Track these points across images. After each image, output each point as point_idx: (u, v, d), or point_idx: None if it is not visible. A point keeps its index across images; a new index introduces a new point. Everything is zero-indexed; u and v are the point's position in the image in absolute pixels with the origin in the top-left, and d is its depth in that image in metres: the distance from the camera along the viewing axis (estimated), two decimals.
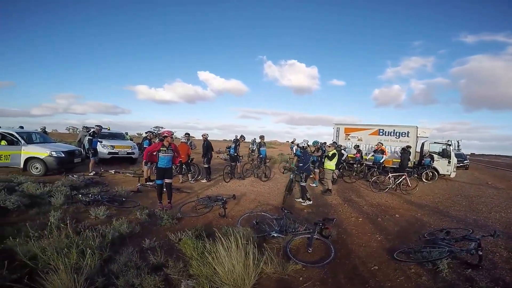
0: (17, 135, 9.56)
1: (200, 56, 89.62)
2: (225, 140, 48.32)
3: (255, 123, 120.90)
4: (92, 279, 3.11)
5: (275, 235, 4.81)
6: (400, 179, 9.96)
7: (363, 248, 4.90)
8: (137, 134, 43.98)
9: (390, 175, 10.04)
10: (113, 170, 10.93)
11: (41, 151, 9.48)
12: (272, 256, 3.79)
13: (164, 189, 6.58)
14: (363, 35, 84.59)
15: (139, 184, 8.53)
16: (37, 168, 9.45)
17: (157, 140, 10.14)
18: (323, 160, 9.96)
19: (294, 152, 9.50)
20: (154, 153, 6.53)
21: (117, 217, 5.33)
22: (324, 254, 4.48)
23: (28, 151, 9.45)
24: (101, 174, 10.25)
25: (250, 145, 13.44)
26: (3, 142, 9.42)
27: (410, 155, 12.89)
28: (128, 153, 12.97)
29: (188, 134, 10.77)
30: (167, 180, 6.51)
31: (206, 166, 10.37)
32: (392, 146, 13.96)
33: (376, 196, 9.13)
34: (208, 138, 10.63)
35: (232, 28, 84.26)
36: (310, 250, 4.50)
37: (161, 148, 6.40)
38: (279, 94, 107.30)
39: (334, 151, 9.12)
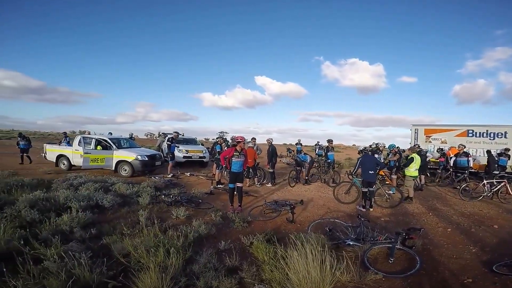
0: (110, 141, 11.00)
1: (256, 60, 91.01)
2: (285, 144, 48.01)
3: (316, 126, 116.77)
4: (176, 279, 3.22)
5: (351, 243, 4.58)
6: (499, 186, 8.55)
7: (454, 259, 4.38)
8: (205, 139, 46.78)
9: (485, 181, 8.68)
10: (189, 173, 11.77)
11: (129, 155, 10.70)
12: (350, 264, 3.57)
13: (235, 192, 6.76)
14: (433, 27, 74.68)
15: (212, 186, 8.95)
16: (125, 170, 10.69)
17: (223, 146, 10.65)
18: (401, 165, 9.15)
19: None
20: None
21: (194, 217, 5.63)
22: (407, 265, 4.12)
23: (118, 155, 10.79)
24: (178, 176, 11.08)
25: (317, 150, 13.00)
26: (99, 147, 10.94)
27: (509, 159, 10.99)
28: (200, 157, 13.90)
29: (255, 139, 11.01)
30: (238, 184, 6.68)
31: (271, 170, 10.41)
32: (485, 149, 12.02)
33: (467, 205, 7.98)
34: (272, 143, 10.72)
35: (285, 30, 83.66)
36: (391, 260, 4.19)
37: (234, 153, 6.57)
38: (341, 94, 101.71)
39: (413, 155, 8.26)
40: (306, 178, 10.60)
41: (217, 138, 12.44)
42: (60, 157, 11.51)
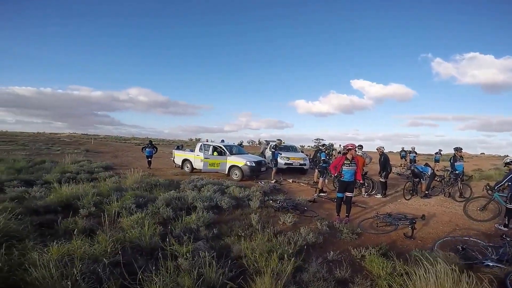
0: (224, 148, 12.38)
1: (350, 64, 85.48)
2: (391, 151, 42.90)
3: (430, 131, 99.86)
4: (287, 286, 3.22)
5: (490, 264, 4.07)
6: None
7: None
8: (300, 146, 46.59)
9: None
10: (291, 179, 12.06)
11: (240, 161, 11.78)
12: (488, 286, 3.07)
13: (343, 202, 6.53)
14: None
15: (315, 194, 8.90)
16: (236, 174, 11.77)
17: (324, 153, 10.45)
18: None
19: None
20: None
21: (300, 225, 5.70)
22: None
23: (231, 160, 12.01)
24: (280, 182, 11.47)
25: (452, 160, 11.09)
26: (215, 153, 12.41)
27: None
28: (300, 164, 14.12)
29: (361, 146, 10.41)
30: (348, 194, 6.42)
31: (383, 180, 9.62)
32: None
33: None
34: (384, 151, 9.90)
35: (381, 29, 75.32)
36: None
37: (344, 162, 6.34)
38: (461, 94, 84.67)
39: None
40: (426, 192, 9.42)
41: (322, 146, 12.39)
42: (184, 161, 13.58)
